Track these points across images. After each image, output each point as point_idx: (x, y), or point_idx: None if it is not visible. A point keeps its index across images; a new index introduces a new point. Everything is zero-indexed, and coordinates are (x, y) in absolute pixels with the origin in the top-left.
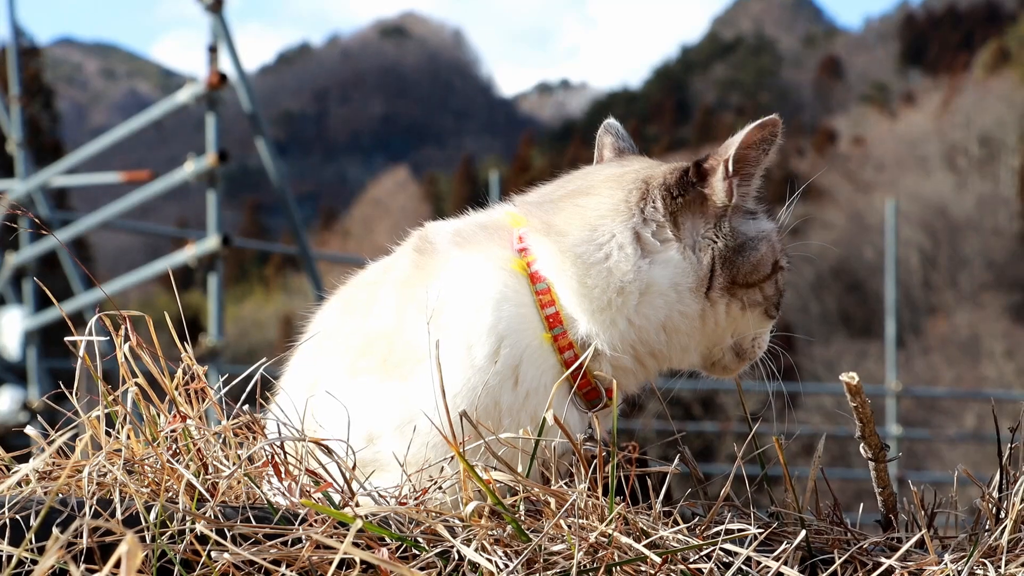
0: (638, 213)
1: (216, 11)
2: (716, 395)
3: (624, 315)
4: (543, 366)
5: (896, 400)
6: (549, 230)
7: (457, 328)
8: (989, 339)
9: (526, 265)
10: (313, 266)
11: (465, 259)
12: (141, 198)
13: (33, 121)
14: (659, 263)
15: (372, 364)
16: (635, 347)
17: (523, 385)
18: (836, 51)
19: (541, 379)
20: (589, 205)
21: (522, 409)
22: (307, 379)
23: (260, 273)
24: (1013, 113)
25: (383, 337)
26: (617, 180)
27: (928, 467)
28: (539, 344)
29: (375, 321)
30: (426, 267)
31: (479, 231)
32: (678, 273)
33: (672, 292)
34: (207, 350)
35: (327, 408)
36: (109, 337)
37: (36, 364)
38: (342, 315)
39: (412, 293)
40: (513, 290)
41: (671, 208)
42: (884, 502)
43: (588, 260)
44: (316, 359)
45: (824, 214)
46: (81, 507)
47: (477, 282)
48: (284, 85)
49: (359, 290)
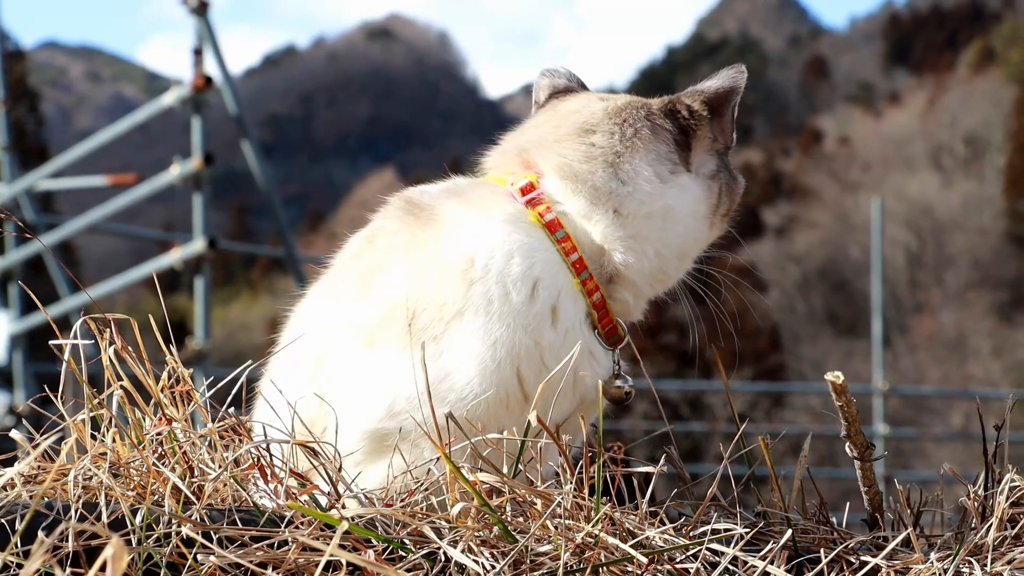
0: (653, 148)
1: (201, 14)
2: (703, 395)
3: (651, 242)
4: (577, 307)
5: (883, 399)
6: (571, 173)
7: (490, 279)
8: (975, 338)
9: (539, 216)
10: (300, 268)
11: (476, 214)
12: (127, 201)
13: (18, 125)
14: (676, 189)
15: (393, 334)
16: (655, 273)
17: (562, 324)
18: (821, 51)
19: (576, 317)
20: (600, 143)
21: (562, 347)
22: (307, 365)
23: (246, 276)
24: (998, 112)
25: (400, 305)
26: (618, 115)
27: (915, 466)
28: (571, 286)
29: (386, 291)
30: (431, 227)
31: (474, 188)
32: (693, 200)
33: (690, 219)
34: (193, 353)
35: (340, 386)
36: (95, 340)
37: (22, 368)
38: (334, 296)
39: (425, 253)
40: (538, 239)
41: (682, 143)
42: (870, 501)
43: (620, 194)
44: (316, 343)
45: (810, 214)
46: (67, 511)
47: (499, 234)
48: (270, 87)
49: (345, 267)
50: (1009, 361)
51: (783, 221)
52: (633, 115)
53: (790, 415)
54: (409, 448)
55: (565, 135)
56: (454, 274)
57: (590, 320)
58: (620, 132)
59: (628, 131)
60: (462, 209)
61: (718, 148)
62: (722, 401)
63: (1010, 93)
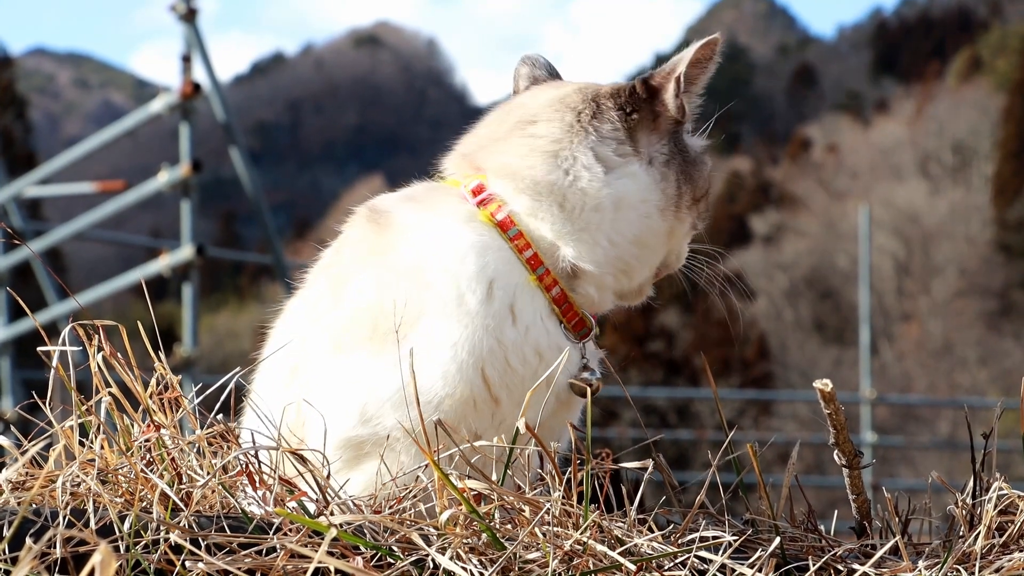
0: (594, 132)
1: (189, 20)
2: (691, 403)
3: (604, 232)
4: (536, 303)
5: (870, 407)
6: (510, 171)
7: (444, 281)
8: (963, 346)
9: (490, 215)
10: (287, 275)
11: (430, 217)
12: (115, 208)
13: (6, 131)
14: (625, 177)
15: (359, 339)
16: (615, 264)
17: (521, 321)
18: (809, 59)
19: (536, 313)
20: (540, 133)
21: (524, 344)
22: (283, 373)
23: (234, 283)
24: (986, 121)
25: (365, 311)
26: (561, 102)
27: (902, 474)
28: (527, 283)
29: (352, 298)
30: (388, 233)
31: (429, 192)
32: (644, 187)
33: (642, 206)
34: (181, 360)
35: (313, 394)
36: (83, 347)
37: (9, 375)
38: (307, 306)
39: (383, 260)
40: (490, 238)
41: (627, 124)
42: (858, 509)
43: (561, 186)
44: (292, 353)
45: (798, 222)
46: (55, 517)
47: (451, 235)
48: (258, 94)
49: (317, 278)
50: (996, 370)
51: (771, 229)
52: (577, 100)
53: (778, 423)
54: (386, 455)
55: (508, 131)
56: (411, 279)
57: (555, 315)
58: (561, 119)
59: (569, 117)
60: (416, 214)
61: (669, 128)
62: (710, 409)
63: (998, 101)
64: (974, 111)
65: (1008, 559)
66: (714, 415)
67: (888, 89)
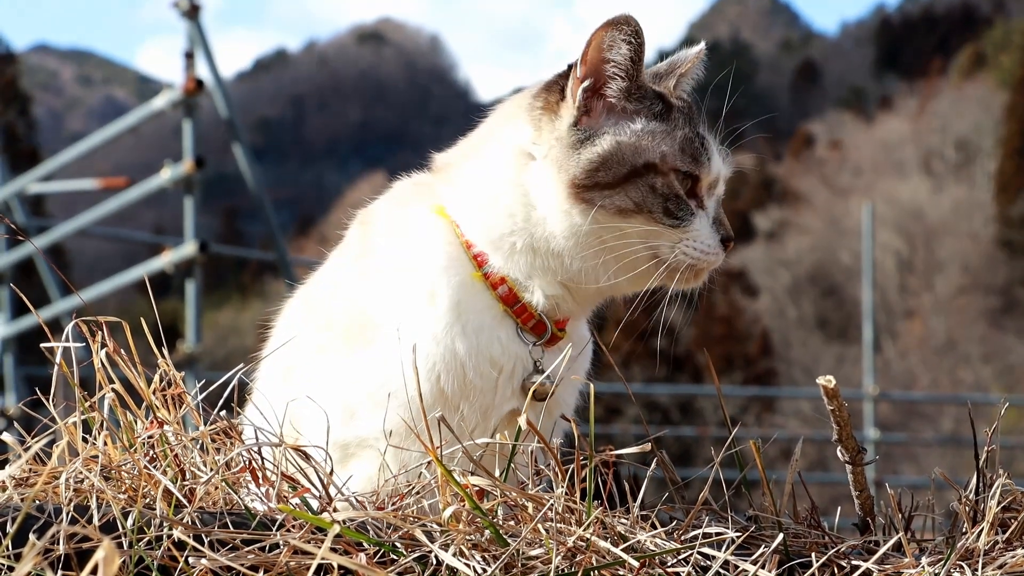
0: (511, 130)
1: (192, 17)
2: (694, 400)
3: (521, 239)
4: (481, 304)
5: (873, 404)
6: (448, 173)
7: (397, 280)
8: (966, 343)
9: (445, 213)
10: (291, 272)
11: (394, 220)
12: (118, 205)
13: (9, 128)
14: (531, 176)
15: (334, 338)
16: (547, 273)
17: (470, 325)
18: (812, 56)
19: (483, 317)
20: (473, 136)
21: (478, 353)
22: (279, 373)
23: (237, 279)
24: (989, 117)
25: (344, 312)
26: (502, 103)
27: (905, 470)
28: (471, 282)
29: (340, 299)
30: (367, 238)
31: (409, 189)
32: (544, 182)
33: (543, 206)
34: (185, 356)
35: (301, 392)
36: (86, 343)
37: (13, 371)
38: (303, 306)
39: (361, 264)
40: (441, 236)
41: (537, 118)
42: (861, 505)
43: (479, 190)
44: (287, 352)
45: (801, 218)
46: (58, 513)
47: (408, 240)
48: (261, 91)
49: (315, 276)
50: (999, 366)
51: (774, 226)
52: (510, 100)
53: (781, 420)
54: (367, 454)
55: (471, 134)
56: (373, 282)
57: (508, 317)
58: (489, 121)
59: (494, 118)
60: (384, 219)
61: (573, 116)
62: (713, 405)
63: (1001, 98)
64: (977, 108)
65: (1011, 555)
66: (717, 411)
67: (891, 85)
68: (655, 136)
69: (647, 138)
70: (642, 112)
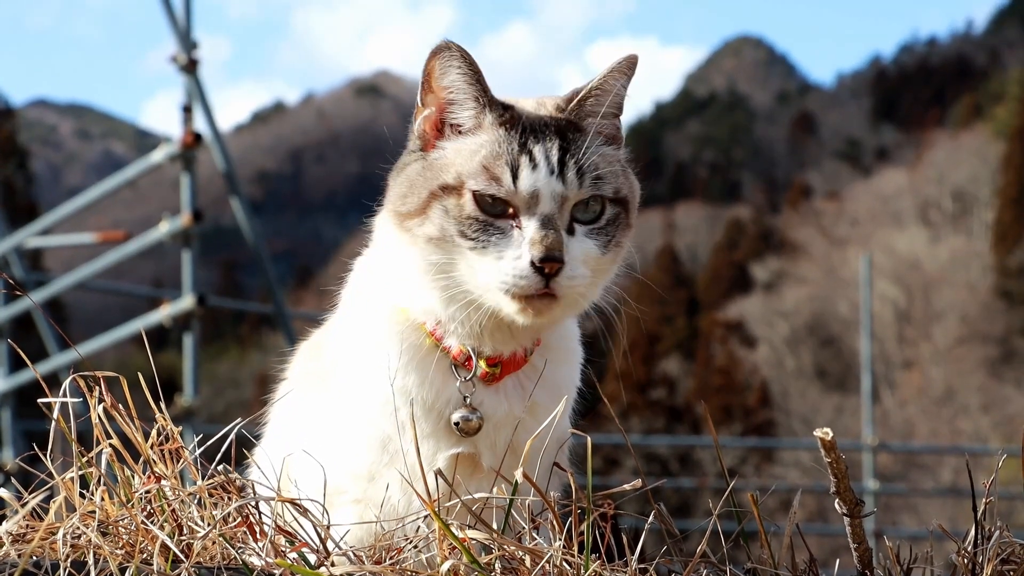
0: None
1: (191, 71)
2: (693, 451)
3: (413, 284)
4: (419, 343)
5: (872, 454)
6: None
7: (351, 336)
8: (964, 393)
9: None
10: (289, 324)
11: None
12: (116, 258)
13: (7, 182)
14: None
15: (312, 382)
16: (436, 309)
17: (412, 364)
18: (809, 107)
19: (414, 355)
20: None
21: (418, 393)
22: (280, 424)
23: (235, 332)
24: (986, 168)
25: (317, 359)
26: None
27: (904, 521)
28: (414, 327)
29: (324, 349)
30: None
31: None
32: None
33: (389, 229)
34: (182, 410)
35: (295, 443)
36: (83, 398)
37: (10, 426)
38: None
39: (340, 326)
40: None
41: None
42: (860, 558)
43: (378, 243)
44: (288, 404)
45: (799, 269)
46: (55, 569)
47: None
48: (259, 143)
49: (320, 331)
50: (998, 416)
51: (772, 276)
52: None
53: (780, 470)
54: (340, 507)
55: None
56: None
57: (440, 351)
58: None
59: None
60: (353, 275)
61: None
62: (712, 456)
63: (997, 149)
64: (974, 158)
65: None
66: (716, 462)
67: (888, 136)
68: (460, 154)
69: (452, 156)
70: (482, 130)
